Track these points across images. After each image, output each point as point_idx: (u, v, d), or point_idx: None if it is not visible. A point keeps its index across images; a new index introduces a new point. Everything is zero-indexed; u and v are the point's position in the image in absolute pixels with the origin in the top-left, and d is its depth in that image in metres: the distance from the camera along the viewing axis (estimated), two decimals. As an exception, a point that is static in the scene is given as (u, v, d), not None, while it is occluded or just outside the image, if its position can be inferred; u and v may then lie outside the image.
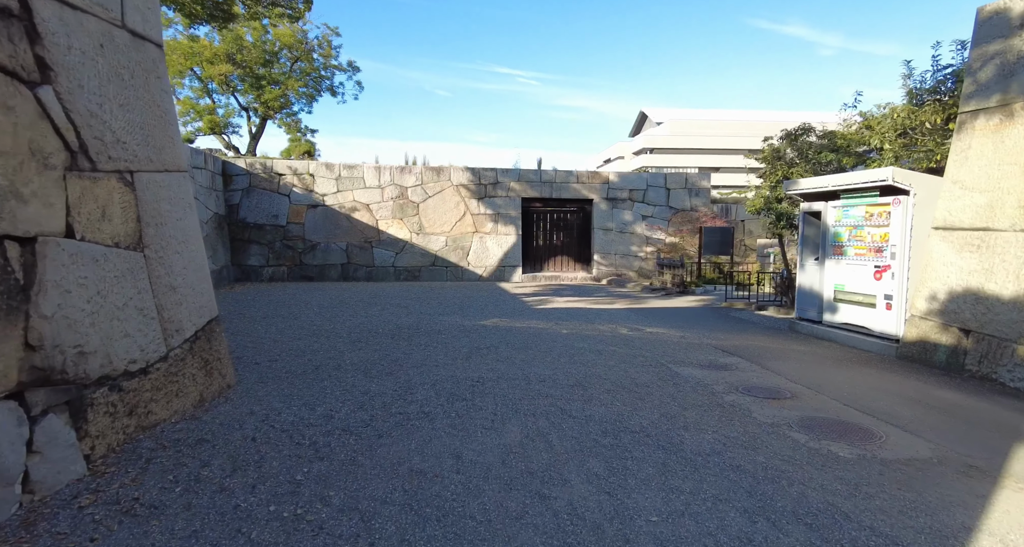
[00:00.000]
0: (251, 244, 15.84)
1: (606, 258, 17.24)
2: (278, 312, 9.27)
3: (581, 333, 7.47)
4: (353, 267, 16.31)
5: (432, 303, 10.87)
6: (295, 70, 20.80)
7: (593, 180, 17.19)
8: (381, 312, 9.49)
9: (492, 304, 10.80)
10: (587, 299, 11.80)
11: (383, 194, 16.40)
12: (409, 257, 16.50)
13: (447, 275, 16.65)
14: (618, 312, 9.84)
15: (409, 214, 16.49)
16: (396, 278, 16.46)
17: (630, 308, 10.45)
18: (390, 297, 11.84)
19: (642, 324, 8.52)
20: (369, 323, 8.19)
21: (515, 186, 16.87)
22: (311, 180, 16.14)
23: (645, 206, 17.39)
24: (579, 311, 9.83)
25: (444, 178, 16.64)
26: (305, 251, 16.08)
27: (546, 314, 9.37)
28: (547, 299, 11.83)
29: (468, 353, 6.12)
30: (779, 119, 48.75)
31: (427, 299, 11.56)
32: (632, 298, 12.05)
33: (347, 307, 10.09)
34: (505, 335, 7.23)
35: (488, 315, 9.18)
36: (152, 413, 3.50)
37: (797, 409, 4.44)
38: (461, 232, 16.69)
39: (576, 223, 17.79)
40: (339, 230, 16.22)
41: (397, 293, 12.73)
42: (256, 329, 7.60)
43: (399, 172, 16.47)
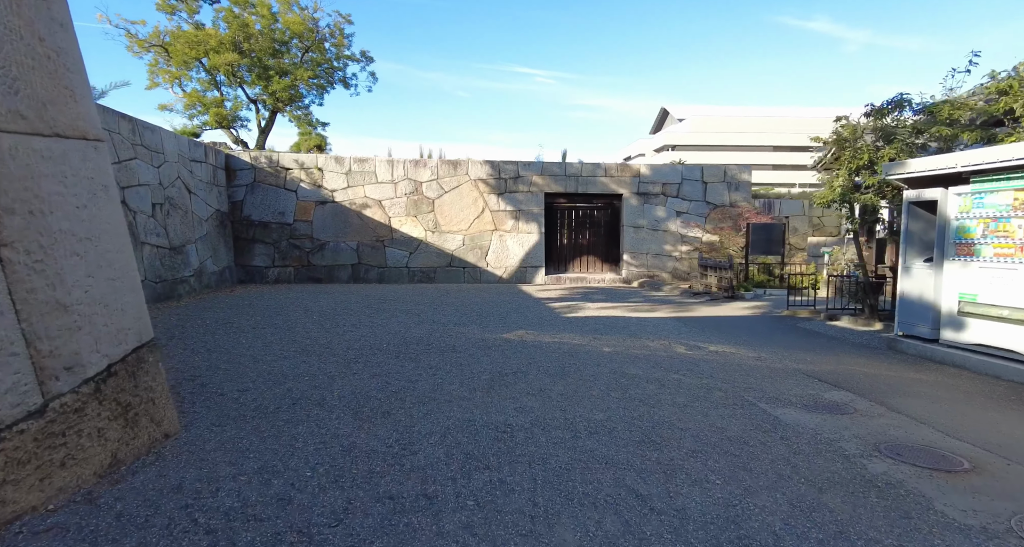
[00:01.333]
0: (255, 243, 14.80)
1: (637, 258, 15.83)
2: (272, 321, 8.10)
3: (628, 352, 6.14)
4: (364, 268, 15.16)
5: (447, 309, 9.62)
6: (306, 61, 19.76)
7: (622, 173, 15.79)
8: (388, 321, 8.26)
9: (515, 311, 9.51)
10: (622, 305, 10.44)
11: (396, 189, 15.22)
12: (424, 257, 15.30)
13: (464, 276, 15.41)
14: (664, 323, 8.46)
15: (424, 211, 15.28)
16: (409, 280, 15.27)
17: (677, 317, 9.05)
18: (401, 302, 10.63)
19: (699, 339, 7.12)
20: (373, 335, 6.97)
21: (538, 180, 15.55)
22: (319, 175, 15.04)
23: (679, 201, 15.93)
24: (617, 321, 8.48)
25: (461, 172, 15.40)
26: (313, 251, 14.99)
27: (579, 324, 8.04)
28: (576, 305, 10.49)
29: (489, 381, 4.83)
30: (805, 115, 46.56)
31: (442, 304, 10.32)
32: (674, 304, 10.65)
33: (351, 314, 8.89)
34: (534, 354, 5.93)
35: (511, 325, 7.90)
36: (3, 503, 2.27)
37: (998, 494, 2.93)
38: (479, 230, 15.43)
39: (604, 220, 16.40)
40: (349, 228, 15.10)
41: (409, 297, 11.52)
42: (239, 343, 6.42)
43: (413, 166, 15.28)
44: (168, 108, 17.91)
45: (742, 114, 52.78)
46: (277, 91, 18.14)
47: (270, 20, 18.28)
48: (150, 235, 10.27)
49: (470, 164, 15.41)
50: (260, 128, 20.13)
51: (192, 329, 7.28)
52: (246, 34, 17.56)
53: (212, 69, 17.32)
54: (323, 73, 20.30)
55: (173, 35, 17.14)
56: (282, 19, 18.64)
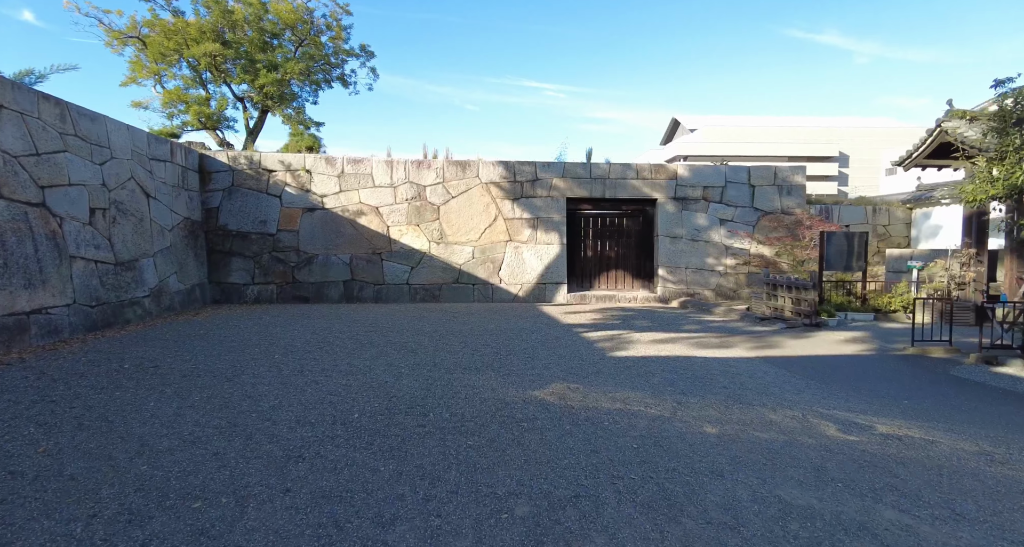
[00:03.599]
0: (233, 257, 12.77)
1: (674, 273, 13.63)
2: (215, 364, 5.98)
3: (749, 437, 3.88)
4: (358, 285, 13.07)
5: (454, 342, 7.48)
6: (299, 55, 17.88)
7: (656, 175, 13.66)
8: (374, 363, 6.12)
9: (542, 344, 7.35)
10: (680, 336, 8.19)
11: (396, 194, 13.18)
12: (427, 272, 13.19)
13: (474, 294, 13.27)
14: (757, 368, 6.19)
15: (427, 219, 13.20)
16: (411, 298, 13.16)
17: (765, 357, 6.76)
18: (397, 330, 8.50)
19: (838, 404, 4.84)
20: (345, 393, 4.83)
21: (559, 183, 13.45)
22: (308, 178, 13.03)
23: (723, 207, 13.75)
24: (691, 365, 6.22)
25: (470, 175, 13.34)
26: (299, 265, 12.93)
27: (639, 371, 5.82)
28: (620, 336, 8.29)
29: (526, 524, 2.65)
30: (818, 125, 44.43)
31: (447, 334, 8.18)
32: (745, 335, 8.35)
33: (328, 351, 6.77)
34: (596, 442, 3.74)
35: (542, 372, 5.73)
36: None
37: None
38: (491, 241, 13.32)
39: (635, 229, 14.24)
40: (341, 239, 13.05)
41: (407, 323, 9.39)
42: (139, 410, 4.30)
43: (415, 167, 13.24)
44: (143, 106, 16.05)
45: (755, 124, 50.79)
46: (265, 86, 16.23)
47: (258, 9, 16.42)
48: (85, 247, 8.24)
49: (481, 165, 13.35)
50: (248, 129, 18.23)
51: (90, 379, 5.16)
52: (230, 22, 15.70)
53: (188, 57, 15.41)
54: (318, 69, 18.41)
55: (148, 23, 15.32)
56: (272, 8, 16.79)
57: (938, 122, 9.01)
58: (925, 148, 9.33)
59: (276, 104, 17.54)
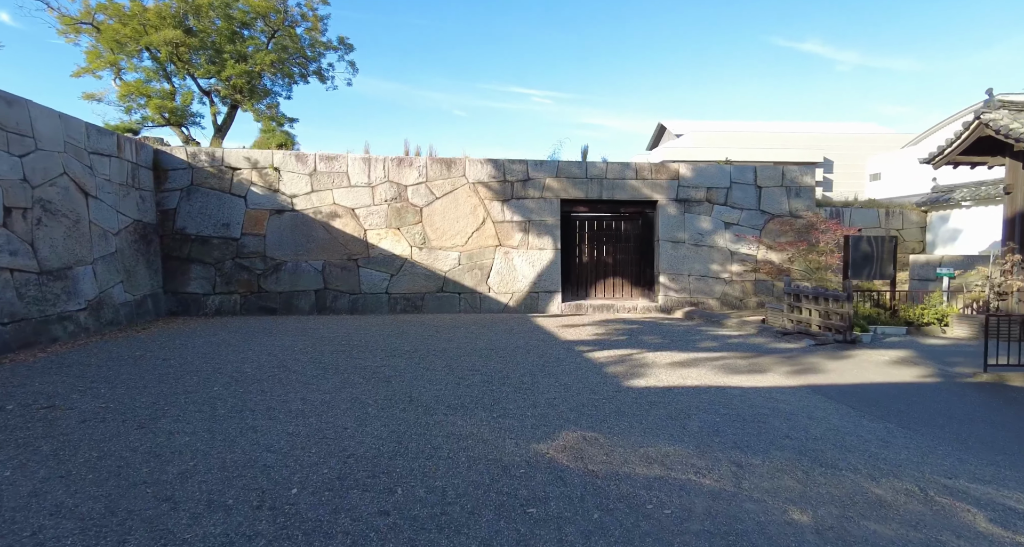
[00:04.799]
0: (192, 264, 11.47)
1: (676, 281, 12.61)
2: (134, 402, 4.76)
3: (865, 534, 2.69)
4: (332, 294, 11.84)
5: (436, 366, 6.32)
6: (273, 47, 16.61)
7: (657, 175, 12.66)
8: (334, 398, 4.94)
9: (540, 368, 6.22)
10: (700, 356, 7.09)
11: (374, 195, 11.99)
12: (408, 280, 12.01)
13: (460, 304, 12.12)
14: (816, 405, 4.96)
15: (409, 222, 12.04)
16: (390, 309, 11.96)
17: (818, 388, 5.59)
18: (369, 349, 7.32)
19: (961, 470, 3.62)
20: (287, 450, 3.66)
21: (552, 183, 12.38)
22: (276, 176, 11.80)
23: (728, 210, 12.79)
24: (729, 399, 5.07)
25: (456, 173, 12.21)
26: (266, 273, 11.66)
27: (668, 409, 4.65)
28: (631, 356, 7.20)
29: None
30: (804, 130, 44.11)
31: (428, 354, 7.02)
32: (775, 355, 7.13)
33: (282, 379, 5.57)
34: (637, 539, 2.60)
35: (546, 411, 4.60)
36: None
37: None
38: (479, 246, 12.19)
39: (634, 233, 13.21)
40: (313, 244, 11.82)
41: (384, 340, 8.20)
42: None
43: (396, 165, 12.08)
44: (96, 98, 14.65)
45: (740, 129, 50.49)
46: (233, 78, 14.94)
47: (226, -6, 15.15)
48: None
49: (467, 163, 12.23)
50: (216, 126, 16.89)
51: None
52: (194, 7, 14.41)
53: (154, 52, 14.07)
54: (293, 61, 17.16)
55: (102, 7, 13.97)
56: (241, -6, 15.53)
57: (977, 114, 8.12)
58: (961, 143, 8.44)
59: (246, 98, 16.24)
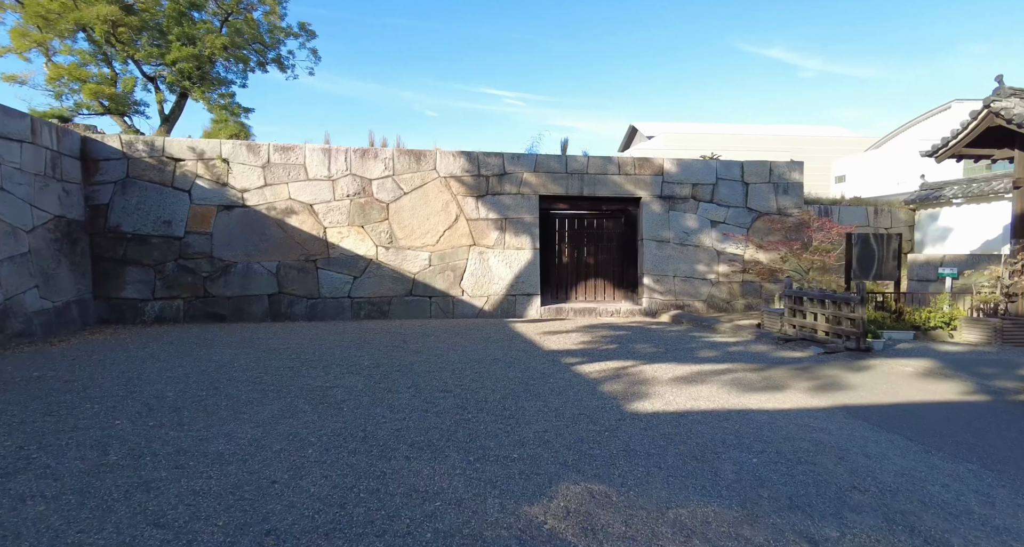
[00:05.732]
0: (128, 266, 10.20)
1: (661, 282, 11.89)
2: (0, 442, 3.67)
3: None
4: (287, 299, 10.71)
5: (398, 387, 5.37)
6: (227, 32, 15.30)
7: (641, 170, 11.92)
8: (267, 434, 3.96)
9: (525, 388, 5.33)
10: (703, 369, 6.28)
11: (335, 189, 10.92)
12: (374, 283, 10.97)
13: (431, 309, 11.14)
14: (867, 438, 4.02)
15: (374, 219, 11.00)
16: (353, 315, 10.90)
17: (854, 410, 4.71)
18: (323, 364, 6.31)
19: None
20: (186, 525, 2.67)
21: (530, 178, 11.51)
22: (225, 169, 10.62)
23: (714, 207, 12.14)
24: (758, 428, 4.17)
25: (426, 167, 11.23)
26: (213, 276, 10.47)
27: (688, 446, 3.74)
28: (626, 370, 6.36)
29: None
30: (771, 133, 44.61)
31: (392, 371, 6.05)
32: (786, 367, 6.29)
33: (208, 407, 4.54)
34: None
35: (538, 452, 3.69)
36: None
37: None
38: (452, 245, 11.24)
39: (616, 232, 12.46)
40: (267, 243, 10.68)
41: (341, 352, 7.19)
42: None
43: (359, 157, 11.03)
44: (18, 80, 13.12)
45: (710, 131, 50.81)
46: (180, 62, 13.60)
47: (171, -30, 13.82)
48: None
49: (438, 156, 11.27)
50: (163, 115, 15.48)
51: None
52: (134, -18, 13.05)
53: (74, 20, 12.63)
54: (249, 47, 15.88)
55: (25, -21, 12.50)
56: (189, -29, 14.21)
57: (986, 103, 7.59)
58: (968, 134, 7.92)
59: (196, 86, 14.89)
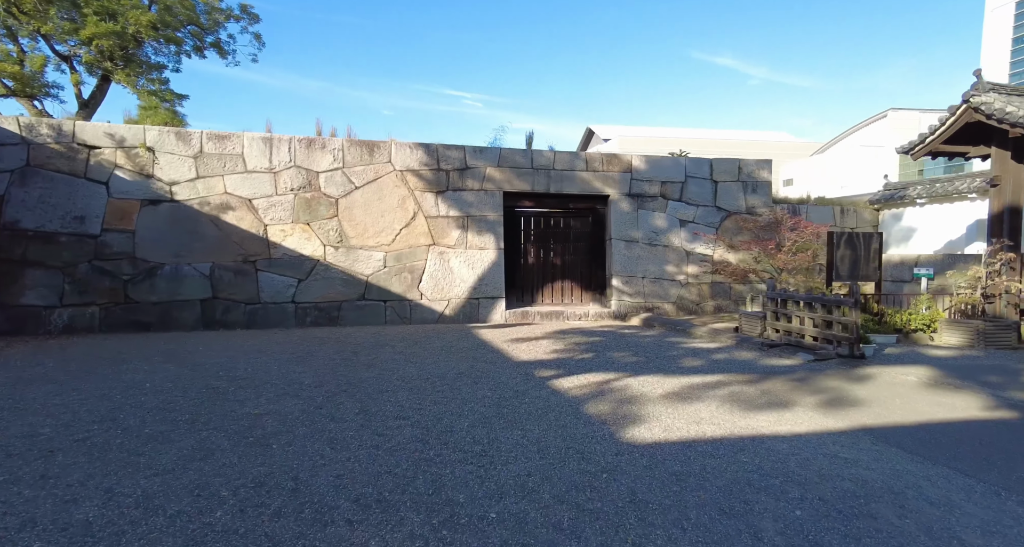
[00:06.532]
0: (30, 268, 8.83)
1: (630, 284, 11.37)
2: None
3: None
4: (222, 305, 9.55)
5: (345, 415, 4.51)
6: (157, 9, 13.83)
7: (610, 167, 11.37)
8: (166, 488, 3.08)
9: (497, 412, 4.57)
10: (692, 381, 5.67)
11: (277, 183, 9.84)
12: (322, 286, 9.94)
13: (386, 314, 10.21)
14: (920, 474, 3.29)
15: (322, 215, 9.98)
16: (298, 322, 9.84)
17: (882, 434, 4.02)
18: (254, 385, 5.35)
19: None
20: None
21: (494, 174, 10.76)
22: (149, 158, 9.38)
23: (684, 206, 11.73)
24: (784, 463, 3.41)
25: (380, 159, 10.30)
26: (136, 279, 9.21)
27: (711, 494, 2.92)
28: (609, 385, 5.68)
29: None
30: (722, 137, 45.84)
31: (338, 391, 5.17)
32: (780, 378, 5.71)
33: (92, 451, 3.58)
34: None
35: (523, 509, 2.86)
36: None
37: None
38: (409, 245, 10.35)
39: (584, 231, 11.87)
40: (199, 242, 9.49)
41: (279, 368, 6.21)
42: None
43: (305, 148, 9.99)
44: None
45: (666, 135, 51.69)
46: (97, 39, 12.12)
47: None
48: None
49: (394, 148, 10.36)
50: (81, 100, 13.86)
51: None
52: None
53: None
54: (182, 26, 14.44)
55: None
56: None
57: (965, 97, 7.37)
58: (946, 130, 7.70)
59: (119, 68, 13.38)
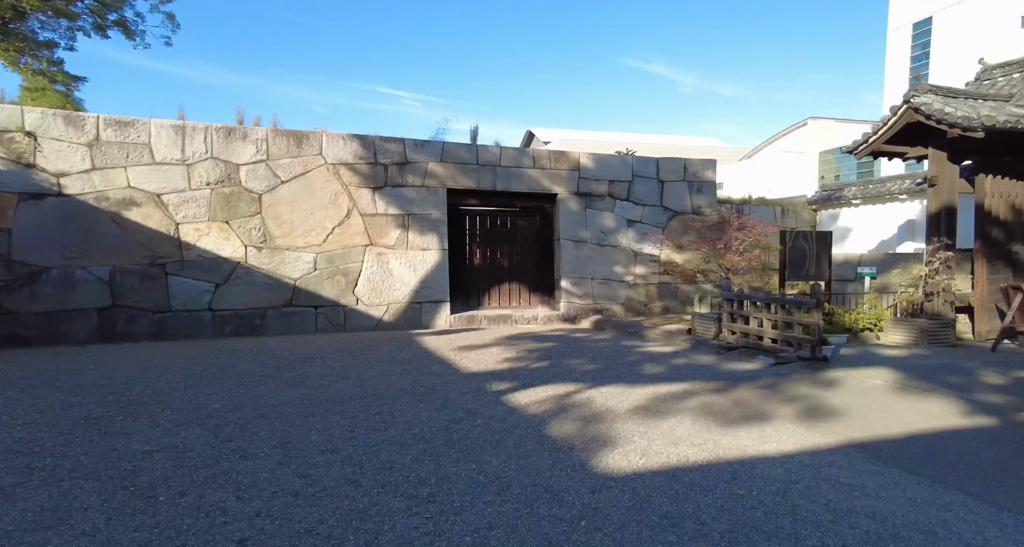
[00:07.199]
0: None
1: (579, 285, 11.01)
2: None
3: None
4: (125, 314, 8.34)
5: (257, 447, 3.76)
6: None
7: (558, 164, 10.97)
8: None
9: (447, 440, 3.97)
10: (657, 391, 5.24)
11: (190, 176, 8.73)
12: (243, 291, 8.91)
13: (317, 322, 9.29)
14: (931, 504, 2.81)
15: (243, 213, 8.96)
16: (216, 332, 8.76)
17: (871, 449, 3.59)
18: (149, 412, 4.45)
19: None
20: None
21: (437, 169, 10.08)
22: (29, 145, 8.06)
23: (631, 206, 11.51)
24: (787, 495, 2.86)
25: (310, 151, 9.39)
26: (13, 286, 7.86)
27: (710, 542, 2.35)
28: (570, 399, 5.16)
29: None
30: (655, 142, 47.52)
31: (250, 418, 4.38)
32: (748, 384, 5.32)
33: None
34: None
35: None
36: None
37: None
38: (343, 245, 9.49)
39: (532, 231, 11.40)
40: (96, 243, 8.24)
41: (184, 389, 5.29)
42: None
43: (223, 137, 8.93)
44: None
45: (604, 139, 52.75)
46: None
47: None
48: None
49: (325, 139, 9.47)
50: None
51: None
52: None
53: None
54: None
55: None
56: None
57: (906, 98, 7.48)
58: (888, 130, 7.81)
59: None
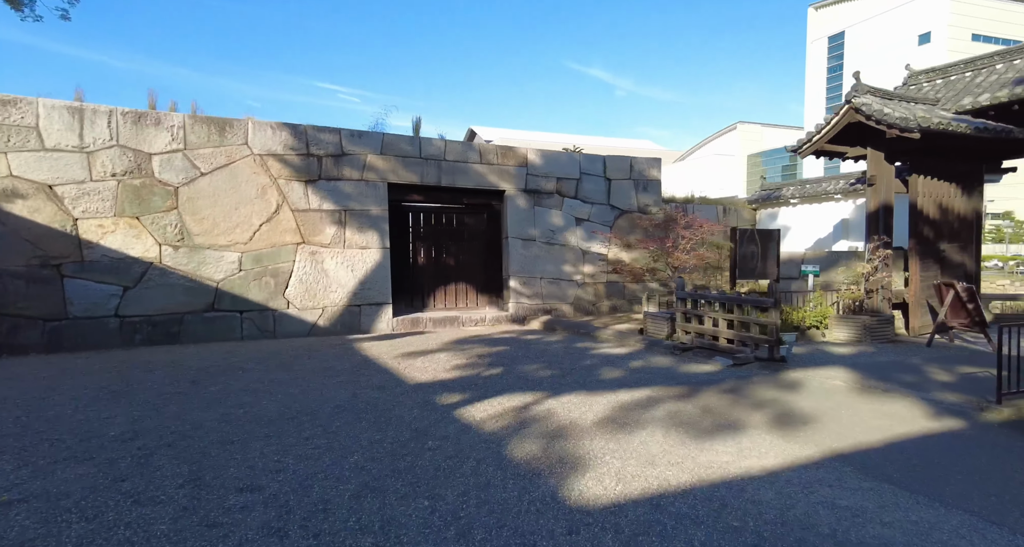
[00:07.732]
0: None
1: (528, 285, 10.69)
2: None
3: None
4: (9, 323, 7.24)
5: (160, 485, 3.16)
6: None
7: (505, 160, 10.59)
8: None
9: (392, 470, 3.47)
10: (623, 400, 4.87)
11: (92, 166, 7.70)
12: (157, 295, 7.96)
13: (243, 328, 8.47)
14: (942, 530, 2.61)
15: (156, 207, 8.00)
16: (125, 341, 7.78)
17: (856, 461, 3.41)
18: (21, 445, 3.72)
19: None
20: None
21: (377, 162, 9.45)
22: None
23: (579, 204, 11.31)
24: (789, 529, 2.57)
25: (234, 140, 8.53)
26: None
27: None
28: (530, 412, 4.75)
29: None
30: (592, 144, 48.66)
31: (156, 447, 3.76)
32: (711, 388, 5.14)
33: None
34: None
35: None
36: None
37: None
38: (272, 244, 8.69)
39: (479, 229, 10.97)
40: (-30, 240, 7.08)
41: (77, 412, 4.52)
42: None
43: (132, 123, 7.93)
44: None
45: (543, 140, 53.23)
46: None
47: None
48: None
49: (252, 127, 8.64)
50: None
51: None
52: None
53: None
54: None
55: None
56: None
57: (848, 98, 7.62)
58: (830, 130, 7.95)
59: None
